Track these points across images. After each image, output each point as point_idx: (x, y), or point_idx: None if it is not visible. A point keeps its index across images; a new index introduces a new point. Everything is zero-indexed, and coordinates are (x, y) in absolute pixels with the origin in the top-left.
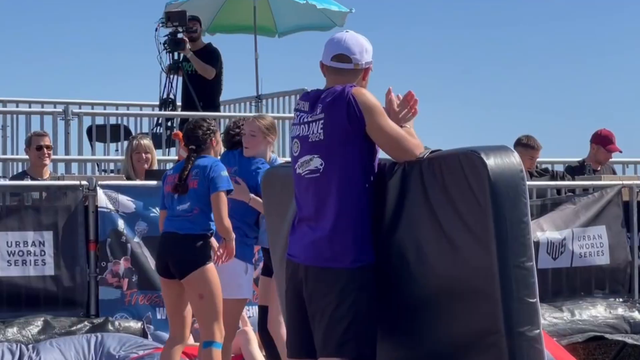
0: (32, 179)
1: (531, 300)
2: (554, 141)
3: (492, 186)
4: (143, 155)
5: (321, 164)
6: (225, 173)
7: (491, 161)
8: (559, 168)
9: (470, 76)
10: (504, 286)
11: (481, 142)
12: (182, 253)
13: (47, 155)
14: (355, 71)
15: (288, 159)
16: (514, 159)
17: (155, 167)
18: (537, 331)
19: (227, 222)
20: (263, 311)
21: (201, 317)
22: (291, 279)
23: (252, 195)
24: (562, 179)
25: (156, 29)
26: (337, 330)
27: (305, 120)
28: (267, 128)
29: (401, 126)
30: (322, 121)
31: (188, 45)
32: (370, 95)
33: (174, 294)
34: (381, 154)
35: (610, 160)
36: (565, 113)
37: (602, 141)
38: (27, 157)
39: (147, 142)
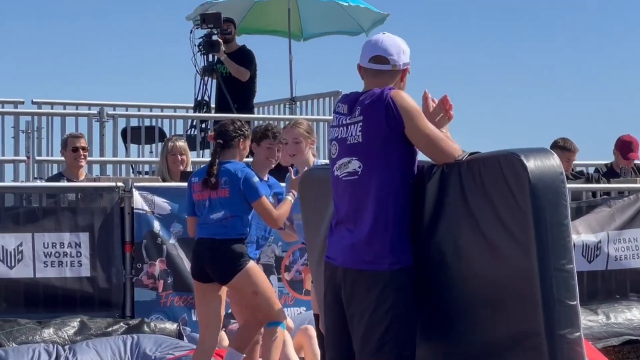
0: (68, 180)
1: (572, 302)
2: (588, 143)
3: (532, 188)
4: (178, 157)
5: (359, 167)
6: (256, 179)
7: (531, 163)
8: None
9: (501, 76)
10: (544, 289)
11: (514, 144)
12: (223, 259)
13: (83, 156)
14: (392, 72)
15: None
16: (554, 161)
17: (190, 168)
18: (578, 334)
19: (276, 214)
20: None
21: (261, 310)
22: (330, 281)
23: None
24: (598, 181)
25: (191, 31)
26: (376, 332)
27: (344, 122)
28: (307, 132)
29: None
30: (360, 124)
31: (222, 48)
32: (409, 97)
33: (207, 298)
34: (420, 156)
35: None
36: (600, 114)
37: (621, 147)
38: (62, 158)
39: (182, 143)
